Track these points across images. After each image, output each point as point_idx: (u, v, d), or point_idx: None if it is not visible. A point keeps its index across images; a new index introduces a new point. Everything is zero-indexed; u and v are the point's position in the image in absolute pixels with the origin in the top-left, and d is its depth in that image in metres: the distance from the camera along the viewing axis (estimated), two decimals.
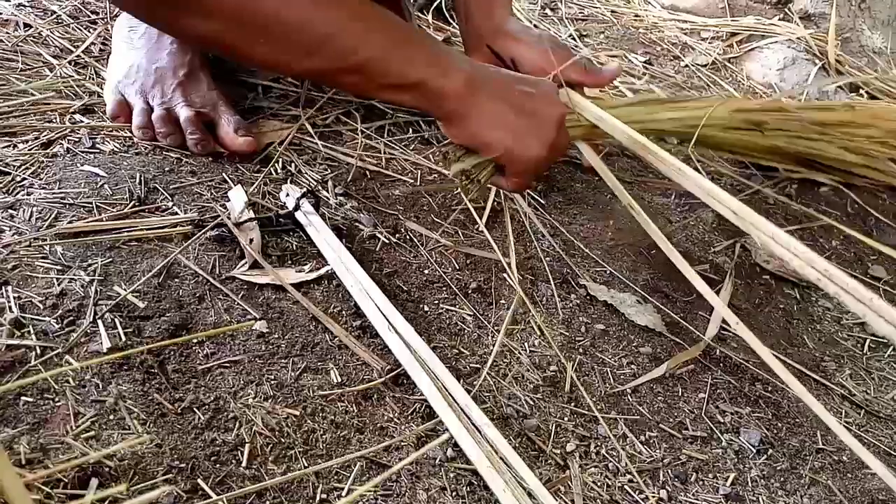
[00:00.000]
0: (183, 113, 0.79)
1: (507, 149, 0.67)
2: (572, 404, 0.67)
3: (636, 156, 0.86)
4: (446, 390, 0.61)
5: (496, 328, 0.72)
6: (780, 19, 1.66)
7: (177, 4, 0.56)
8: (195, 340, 0.60)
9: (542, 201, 0.91)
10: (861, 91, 1.51)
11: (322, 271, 0.70)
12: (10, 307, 0.58)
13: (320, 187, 0.81)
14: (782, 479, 0.66)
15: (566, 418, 0.66)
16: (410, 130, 0.96)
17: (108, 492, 0.47)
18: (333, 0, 0.60)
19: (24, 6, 0.96)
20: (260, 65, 0.83)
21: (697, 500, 0.62)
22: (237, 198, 0.74)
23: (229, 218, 0.71)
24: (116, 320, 0.59)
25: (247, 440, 0.55)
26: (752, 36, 1.58)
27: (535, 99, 0.68)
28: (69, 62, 0.88)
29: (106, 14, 1.00)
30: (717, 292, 0.86)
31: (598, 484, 0.61)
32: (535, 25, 1.39)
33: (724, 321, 0.82)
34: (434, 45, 0.66)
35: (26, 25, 0.92)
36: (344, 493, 0.54)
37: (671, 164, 0.70)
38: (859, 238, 0.68)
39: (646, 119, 0.80)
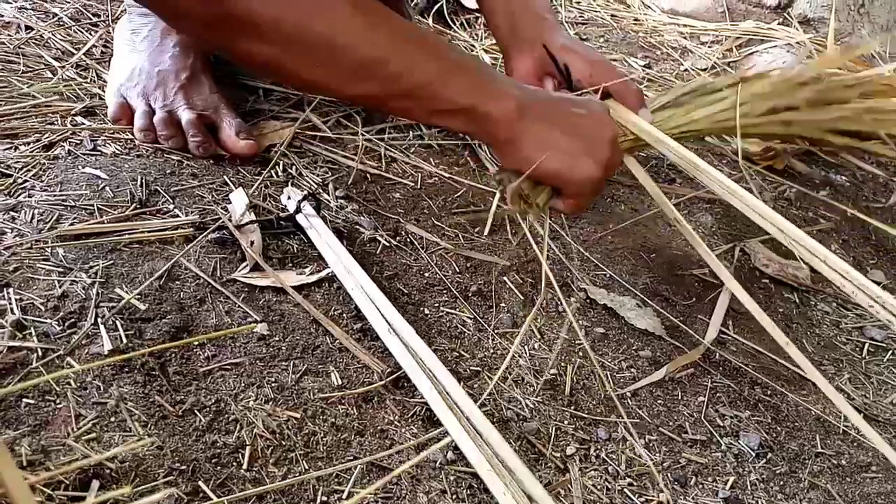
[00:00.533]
0: (185, 116, 0.79)
1: (562, 172, 0.66)
2: (572, 407, 0.67)
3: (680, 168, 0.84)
4: (447, 393, 0.61)
5: (496, 331, 0.72)
6: (779, 23, 1.66)
7: (232, 27, 0.56)
8: (196, 343, 0.60)
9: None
10: None
11: (323, 274, 0.70)
12: (11, 309, 0.58)
13: (321, 190, 0.81)
14: (781, 482, 0.66)
15: (566, 421, 0.66)
16: (411, 133, 0.96)
17: (111, 494, 0.47)
18: (384, 24, 0.60)
19: (26, 9, 0.96)
20: (315, 89, 0.83)
21: (697, 503, 0.62)
22: (238, 200, 0.74)
23: (230, 220, 0.71)
24: (118, 322, 0.59)
25: (248, 442, 0.55)
26: (751, 40, 1.59)
27: (586, 120, 0.68)
28: (71, 65, 0.88)
29: (107, 16, 1.00)
30: (717, 296, 0.86)
31: (598, 487, 0.61)
32: None
33: (722, 326, 0.82)
34: (483, 70, 0.66)
35: (28, 28, 0.93)
36: (344, 496, 0.54)
37: (718, 180, 0.71)
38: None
39: (682, 123, 0.79)
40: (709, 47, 1.57)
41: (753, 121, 0.84)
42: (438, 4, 1.30)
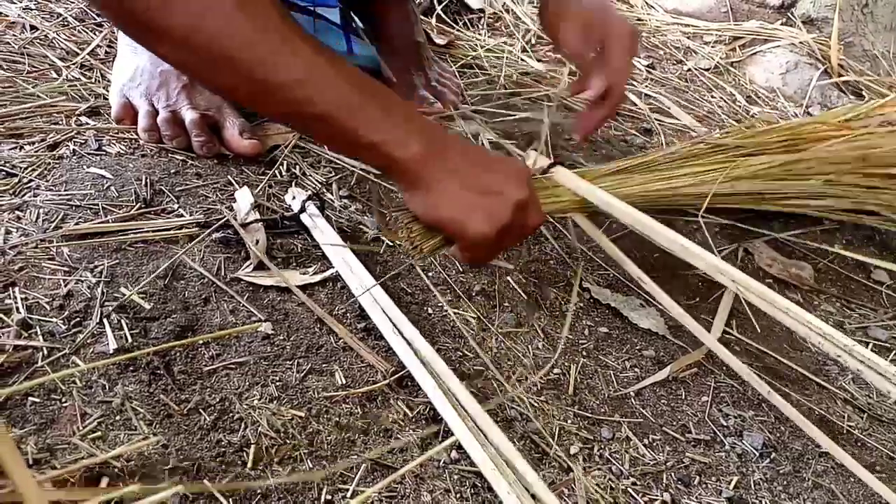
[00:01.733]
0: (188, 115, 0.79)
1: (454, 225, 0.63)
2: (576, 407, 0.67)
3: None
4: (451, 393, 0.61)
5: (500, 330, 0.72)
6: (782, 23, 1.66)
7: (139, 29, 0.54)
8: (201, 342, 0.61)
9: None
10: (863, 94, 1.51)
11: (327, 273, 0.70)
12: (17, 308, 0.58)
13: (325, 190, 0.81)
14: (785, 482, 0.66)
15: (569, 421, 0.66)
16: None
17: (119, 492, 0.47)
18: (296, 47, 0.56)
19: (31, 9, 0.96)
20: (230, 99, 0.82)
21: (701, 502, 0.62)
22: (243, 199, 0.74)
23: (235, 219, 0.71)
24: (123, 321, 0.59)
25: (252, 441, 0.55)
26: (754, 40, 1.59)
27: (496, 178, 0.64)
28: (75, 65, 0.89)
29: None
30: (720, 296, 0.86)
31: (602, 486, 0.61)
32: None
33: (725, 326, 0.82)
34: (396, 109, 0.61)
35: (32, 28, 0.93)
36: (349, 495, 0.54)
37: (675, 241, 0.70)
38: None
39: (636, 192, 0.79)
40: (712, 47, 1.57)
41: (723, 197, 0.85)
42: (442, 4, 1.30)
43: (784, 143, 0.93)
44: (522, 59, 1.28)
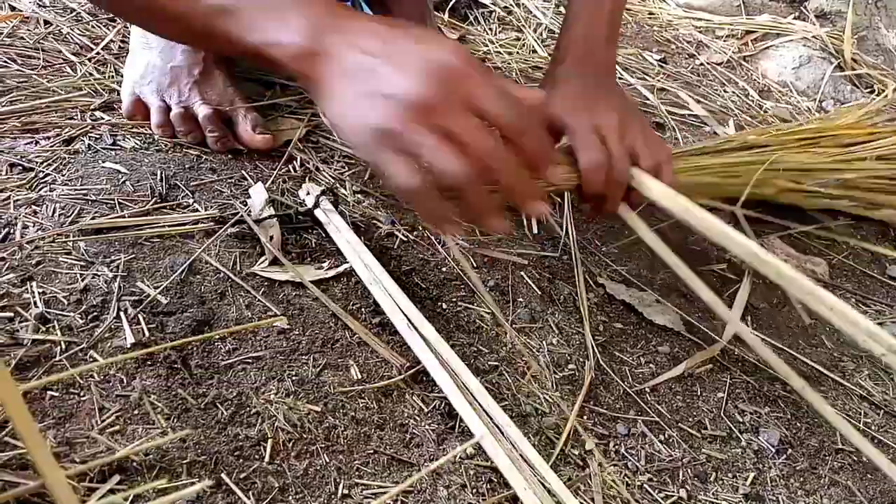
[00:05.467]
0: (201, 111, 0.79)
1: (337, 123, 0.50)
2: (591, 403, 0.67)
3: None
4: (466, 388, 0.61)
5: (514, 326, 0.72)
6: (795, 17, 1.65)
7: None
8: (217, 336, 0.61)
9: (558, 200, 0.91)
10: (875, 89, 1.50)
11: (341, 269, 0.70)
12: (35, 302, 0.58)
13: (338, 185, 0.81)
14: (802, 479, 0.66)
15: (585, 417, 0.66)
16: None
17: (145, 487, 0.47)
18: None
19: (45, 4, 0.96)
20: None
21: (717, 499, 0.62)
22: (258, 195, 0.74)
23: (249, 215, 0.71)
24: (140, 316, 0.60)
25: (269, 435, 0.55)
26: (767, 34, 1.58)
27: (389, 73, 0.47)
28: (90, 59, 0.89)
29: None
30: (735, 292, 0.86)
31: (618, 483, 0.61)
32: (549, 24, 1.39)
33: (741, 320, 0.82)
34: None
35: (46, 23, 0.93)
36: (366, 490, 0.54)
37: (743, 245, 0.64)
38: None
39: (689, 184, 0.78)
40: (724, 41, 1.56)
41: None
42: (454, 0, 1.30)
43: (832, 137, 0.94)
44: (534, 52, 1.27)
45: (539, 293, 0.77)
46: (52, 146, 0.74)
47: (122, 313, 0.59)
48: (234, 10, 0.51)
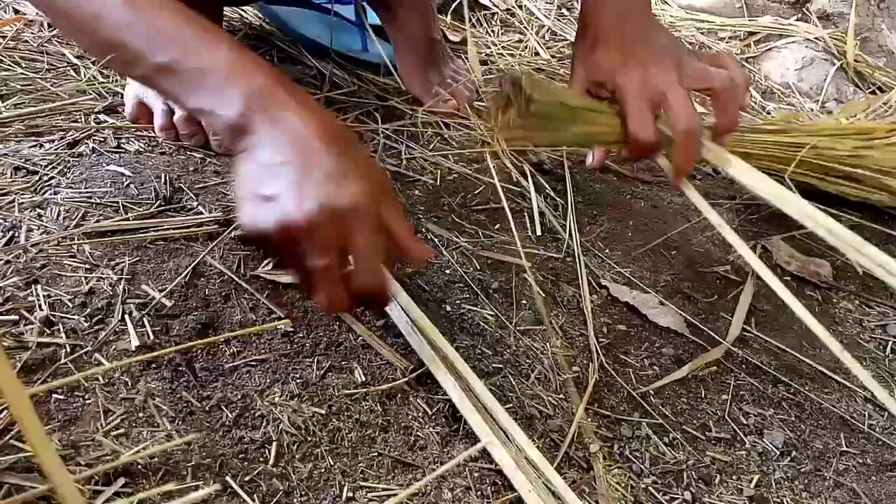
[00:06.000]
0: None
1: (241, 216, 0.52)
2: (595, 405, 0.67)
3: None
4: (471, 390, 0.61)
5: (518, 328, 0.72)
6: (797, 19, 1.65)
7: None
8: (221, 339, 0.61)
9: (561, 202, 0.91)
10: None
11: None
12: (39, 305, 0.58)
13: None
14: (806, 481, 0.66)
15: (589, 419, 0.66)
16: (430, 130, 0.96)
17: (155, 490, 0.47)
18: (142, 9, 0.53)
19: None
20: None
21: (722, 501, 0.62)
22: None
23: None
24: (144, 319, 0.60)
25: (274, 438, 0.55)
26: (769, 36, 1.58)
27: (284, 183, 0.50)
28: (93, 62, 0.89)
29: None
30: (738, 293, 0.85)
31: (622, 485, 0.61)
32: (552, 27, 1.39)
33: (744, 323, 0.82)
34: (225, 58, 0.52)
35: (50, 26, 0.93)
36: (370, 492, 0.54)
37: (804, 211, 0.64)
38: None
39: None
40: (726, 43, 1.56)
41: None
42: (457, 2, 1.30)
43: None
44: (537, 54, 1.27)
45: (543, 295, 0.77)
46: (56, 149, 0.74)
47: (126, 316, 0.59)
48: (178, 72, 0.52)
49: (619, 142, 0.68)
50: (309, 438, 0.56)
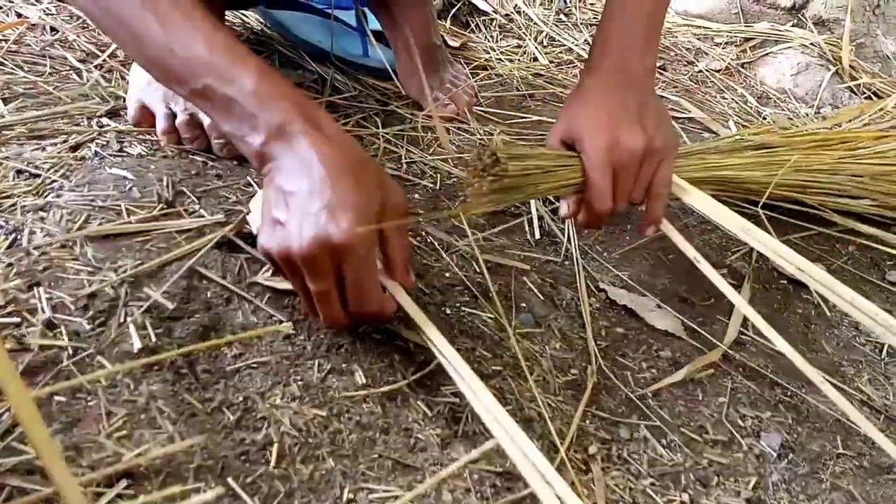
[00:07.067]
0: (207, 118, 0.80)
1: (260, 238, 0.58)
2: (593, 407, 0.68)
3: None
4: (471, 393, 0.61)
5: (517, 331, 0.72)
6: (793, 25, 1.66)
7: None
8: (223, 342, 0.61)
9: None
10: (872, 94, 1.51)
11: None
12: (42, 308, 0.59)
13: None
14: (803, 483, 0.67)
15: (587, 421, 0.66)
16: (430, 134, 0.97)
17: (160, 494, 0.47)
18: (183, 27, 0.56)
19: (51, 11, 0.97)
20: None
21: (719, 503, 0.62)
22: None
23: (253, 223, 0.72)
24: (146, 321, 0.60)
25: (275, 440, 0.55)
26: (765, 41, 1.59)
27: (298, 211, 0.54)
28: (96, 66, 0.89)
29: None
30: None
31: (621, 487, 0.61)
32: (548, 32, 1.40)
33: (741, 326, 0.82)
34: (249, 86, 0.55)
35: (53, 30, 0.94)
36: (370, 494, 0.54)
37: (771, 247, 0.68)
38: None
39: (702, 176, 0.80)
40: (722, 49, 1.57)
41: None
42: (456, 7, 1.31)
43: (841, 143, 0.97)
44: (535, 60, 1.28)
45: (542, 298, 0.77)
46: (58, 152, 0.74)
47: (128, 319, 0.60)
48: (211, 98, 0.57)
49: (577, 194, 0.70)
50: (310, 440, 0.57)
